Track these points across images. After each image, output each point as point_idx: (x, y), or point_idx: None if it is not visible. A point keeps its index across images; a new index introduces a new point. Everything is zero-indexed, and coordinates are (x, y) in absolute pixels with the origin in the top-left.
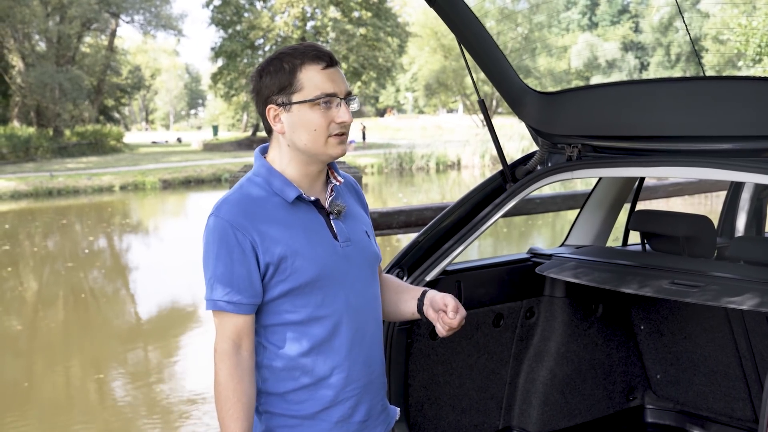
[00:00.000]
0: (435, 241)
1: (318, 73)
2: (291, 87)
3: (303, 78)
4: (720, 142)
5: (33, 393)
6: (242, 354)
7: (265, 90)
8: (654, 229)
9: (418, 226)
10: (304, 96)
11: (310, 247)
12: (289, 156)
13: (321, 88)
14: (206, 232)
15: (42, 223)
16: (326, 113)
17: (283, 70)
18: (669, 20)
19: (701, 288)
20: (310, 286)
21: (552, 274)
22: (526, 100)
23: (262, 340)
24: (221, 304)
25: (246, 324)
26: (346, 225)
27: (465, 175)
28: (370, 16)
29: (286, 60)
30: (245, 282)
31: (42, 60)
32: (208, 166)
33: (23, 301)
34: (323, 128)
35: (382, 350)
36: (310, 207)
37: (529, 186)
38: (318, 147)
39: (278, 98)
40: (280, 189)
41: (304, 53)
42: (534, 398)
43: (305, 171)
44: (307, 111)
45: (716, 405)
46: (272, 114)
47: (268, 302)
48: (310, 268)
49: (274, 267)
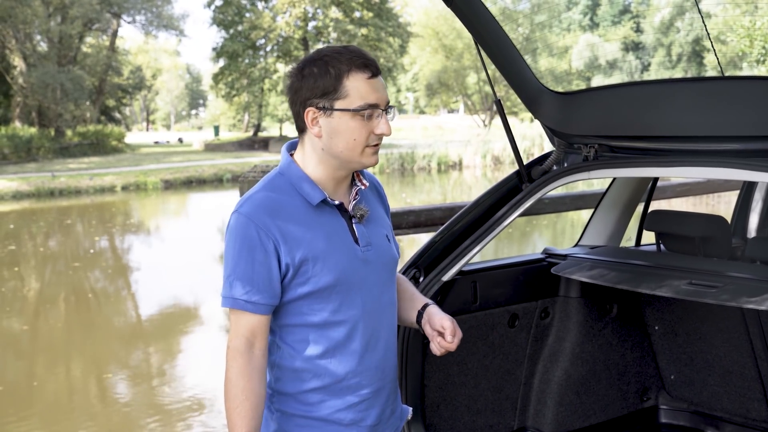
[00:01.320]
0: (452, 242)
1: (364, 82)
2: (335, 93)
3: (349, 85)
4: (735, 142)
5: (44, 393)
6: (255, 353)
7: (306, 91)
8: (669, 229)
9: (427, 226)
10: (348, 104)
11: (331, 252)
12: (319, 158)
13: (365, 98)
14: (229, 230)
15: (46, 223)
16: (367, 124)
17: (329, 74)
18: (670, 20)
19: (719, 288)
20: (329, 291)
21: (568, 274)
22: (542, 100)
23: (277, 339)
24: (240, 303)
25: (261, 323)
26: (368, 229)
27: (467, 176)
28: (371, 17)
29: (332, 64)
30: (265, 282)
31: (43, 60)
32: (210, 167)
33: (30, 300)
34: (363, 138)
35: (396, 355)
36: (333, 210)
37: (545, 186)
38: (354, 156)
39: (320, 102)
40: (306, 191)
41: (351, 60)
42: (549, 399)
43: (333, 175)
44: (349, 119)
45: (731, 405)
46: (311, 116)
47: (286, 303)
48: (330, 273)
49: (294, 269)
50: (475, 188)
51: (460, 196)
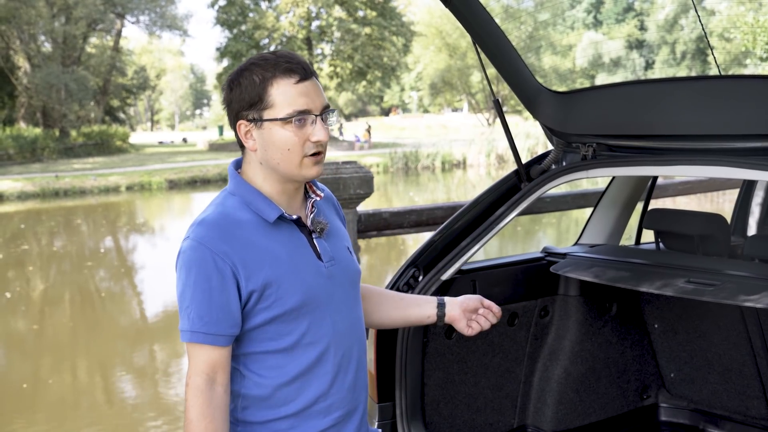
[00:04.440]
0: (450, 241)
1: (291, 88)
2: (262, 103)
3: (274, 93)
4: (735, 141)
5: (63, 390)
6: (216, 390)
7: (235, 104)
8: (668, 227)
9: (429, 225)
10: (276, 113)
11: (295, 272)
12: (264, 173)
13: (293, 105)
14: (182, 258)
15: (56, 223)
16: (300, 131)
17: (254, 84)
18: (674, 18)
19: (717, 286)
20: (296, 313)
21: (567, 273)
22: (541, 99)
23: (241, 367)
24: (199, 336)
25: (222, 357)
26: (329, 243)
27: (471, 174)
28: (374, 16)
29: (256, 72)
30: (224, 311)
31: (48, 61)
32: (214, 166)
33: (48, 300)
34: (297, 147)
35: (367, 373)
36: (291, 226)
37: (544, 185)
38: (292, 168)
39: (249, 114)
40: (260, 208)
41: (275, 65)
42: (548, 397)
43: (281, 188)
44: (279, 129)
45: (731, 403)
46: (243, 130)
47: (248, 330)
48: (296, 294)
49: (258, 294)
50: (479, 187)
51: (464, 195)
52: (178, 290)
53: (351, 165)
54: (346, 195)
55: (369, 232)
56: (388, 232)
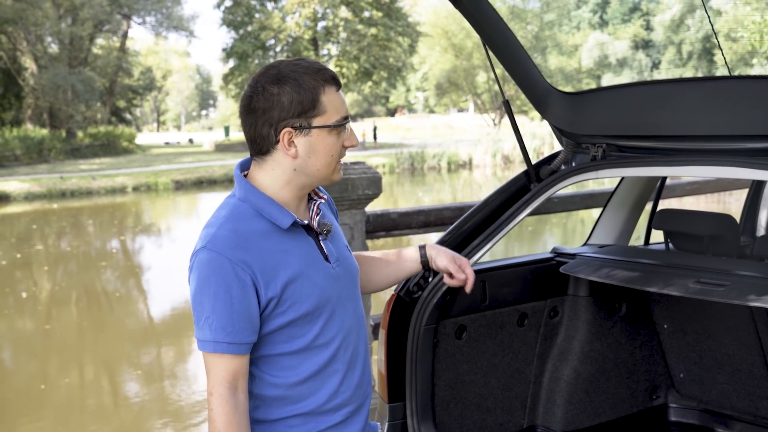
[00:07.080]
0: (461, 241)
1: (336, 96)
2: (314, 110)
3: (325, 100)
4: (744, 141)
5: (81, 387)
6: (239, 396)
7: (277, 112)
8: (678, 228)
9: (437, 226)
10: (326, 120)
11: (308, 276)
12: (287, 180)
13: (339, 112)
14: (199, 267)
15: (67, 224)
16: (340, 137)
17: (305, 91)
18: (681, 18)
19: (727, 287)
20: (310, 316)
21: (576, 273)
22: (550, 100)
23: (253, 368)
24: (222, 347)
25: (242, 364)
26: (333, 244)
27: (477, 175)
28: (380, 16)
29: (303, 80)
30: (245, 320)
31: (54, 62)
32: (220, 167)
33: (65, 299)
34: (338, 153)
35: (371, 369)
36: (300, 231)
37: (553, 186)
38: (329, 173)
39: (296, 121)
40: (273, 216)
41: (319, 73)
42: (558, 397)
43: (298, 194)
44: (327, 136)
45: (740, 404)
46: (287, 138)
47: (263, 335)
48: (310, 298)
49: (276, 300)
50: (485, 187)
51: (470, 195)
52: (194, 299)
53: (359, 165)
54: (354, 196)
55: (377, 233)
56: (396, 232)
